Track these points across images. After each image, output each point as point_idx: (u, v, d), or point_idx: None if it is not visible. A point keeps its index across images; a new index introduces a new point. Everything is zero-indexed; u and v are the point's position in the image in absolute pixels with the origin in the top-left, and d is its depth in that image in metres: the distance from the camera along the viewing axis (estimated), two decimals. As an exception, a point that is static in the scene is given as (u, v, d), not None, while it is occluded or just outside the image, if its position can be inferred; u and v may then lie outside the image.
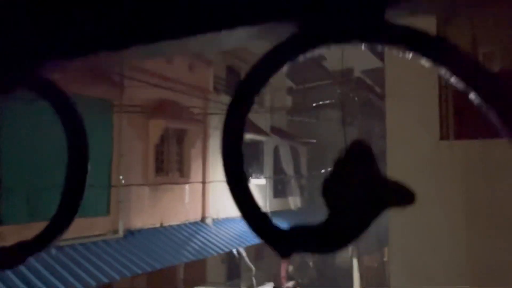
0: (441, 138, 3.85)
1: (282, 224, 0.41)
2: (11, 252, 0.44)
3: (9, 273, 7.72)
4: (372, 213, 0.36)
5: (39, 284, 7.83)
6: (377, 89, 23.97)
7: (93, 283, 8.76)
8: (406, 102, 4.10)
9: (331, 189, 0.38)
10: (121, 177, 10.60)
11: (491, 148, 3.77)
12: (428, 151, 3.92)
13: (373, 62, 20.24)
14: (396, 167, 4.14)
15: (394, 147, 4.14)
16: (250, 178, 15.45)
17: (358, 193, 0.37)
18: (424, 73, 3.96)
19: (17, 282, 7.64)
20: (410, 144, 4.03)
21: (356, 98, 20.19)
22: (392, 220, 4.20)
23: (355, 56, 20.24)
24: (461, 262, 3.99)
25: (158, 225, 11.89)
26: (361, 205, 0.37)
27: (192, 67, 13.17)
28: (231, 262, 15.46)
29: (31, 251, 0.45)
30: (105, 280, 8.94)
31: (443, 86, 3.87)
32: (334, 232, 0.37)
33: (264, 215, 0.40)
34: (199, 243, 12.12)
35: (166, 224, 12.13)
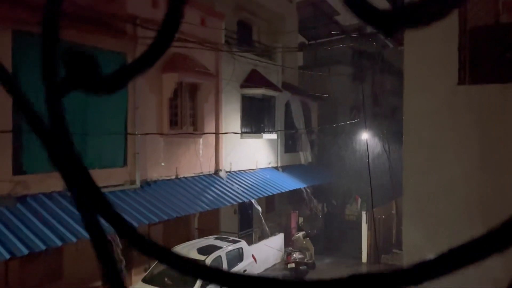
0: (459, 83, 3.91)
1: (293, 178, 0.42)
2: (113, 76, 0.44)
3: (33, 219, 8.11)
4: None
5: (61, 229, 8.21)
6: (390, 44, 23.54)
7: (112, 230, 9.16)
8: (425, 47, 4.14)
9: None
10: (138, 135, 10.80)
11: (509, 93, 3.84)
12: (445, 96, 4.00)
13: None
14: (412, 111, 4.24)
15: (411, 92, 4.21)
16: (262, 133, 15.63)
17: None
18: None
19: (41, 227, 8.02)
20: (428, 88, 4.10)
21: (368, 53, 19.92)
22: (406, 164, 4.34)
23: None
24: (474, 206, 4.14)
25: (173, 176, 12.24)
26: None
27: (204, 21, 13.05)
28: (243, 213, 15.95)
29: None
30: (125, 227, 9.34)
31: (463, 30, 3.89)
32: None
33: None
34: (213, 194, 12.49)
35: (181, 176, 12.47)
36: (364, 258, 16.31)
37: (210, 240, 12.32)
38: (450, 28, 3.82)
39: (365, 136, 17.72)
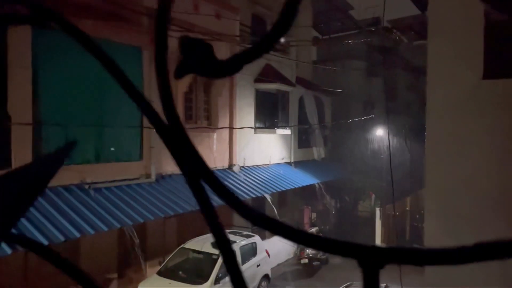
0: (484, 77, 3.87)
1: (306, 174, 0.46)
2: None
3: (52, 211, 8.23)
4: None
5: (79, 221, 8.33)
6: (405, 39, 23.28)
7: (130, 222, 9.27)
8: (449, 41, 4.09)
9: None
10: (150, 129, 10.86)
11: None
12: (469, 90, 3.95)
13: (401, 10, 19.52)
14: (436, 105, 4.20)
15: (435, 86, 4.17)
16: (275, 128, 15.62)
17: None
18: (470, 9, 3.92)
19: (60, 219, 8.14)
20: (452, 82, 4.06)
21: (382, 48, 19.75)
22: (429, 157, 4.31)
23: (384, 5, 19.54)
24: (497, 200, 4.10)
25: (187, 170, 12.29)
26: None
27: (219, 15, 13.05)
28: (257, 208, 15.97)
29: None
30: (140, 220, 9.45)
31: (489, 24, 3.84)
32: None
33: None
34: (227, 189, 12.52)
35: (195, 170, 12.52)
36: (377, 254, 16.24)
37: (224, 234, 12.37)
38: (476, 22, 3.77)
39: (380, 132, 17.63)
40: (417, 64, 19.46)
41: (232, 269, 0.45)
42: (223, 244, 0.45)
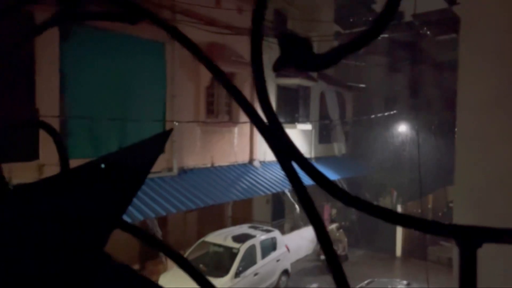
0: (519, 73, 3.76)
1: (326, 170, 0.48)
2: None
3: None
4: None
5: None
6: (429, 34, 22.86)
7: (152, 215, 9.40)
8: (482, 37, 3.99)
9: None
10: (175, 123, 10.96)
11: None
12: (503, 87, 3.85)
13: (427, 4, 19.15)
14: (467, 102, 4.11)
15: (466, 82, 4.08)
16: (296, 123, 15.57)
17: None
18: (505, 3, 3.81)
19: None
20: (484, 79, 3.96)
21: (406, 43, 19.43)
22: (459, 155, 4.23)
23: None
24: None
25: (208, 165, 12.39)
26: None
27: (241, 10, 13.03)
28: (276, 203, 16.00)
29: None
30: (163, 212, 9.57)
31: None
32: None
33: None
34: (247, 184, 12.58)
35: (216, 164, 12.61)
36: (399, 252, 16.09)
37: (244, 229, 12.44)
38: (510, 16, 3.65)
39: (403, 128, 17.36)
40: (442, 59, 19.09)
41: (322, 235, 0.47)
42: (314, 218, 0.47)
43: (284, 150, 0.48)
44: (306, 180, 0.50)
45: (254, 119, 0.50)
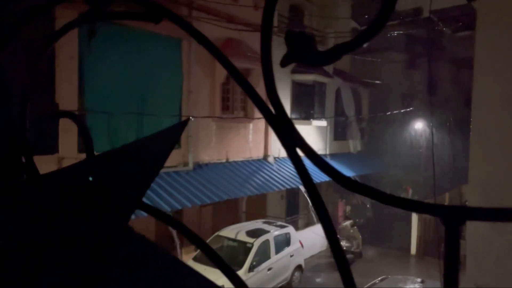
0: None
1: (341, 166, 0.51)
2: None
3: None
4: None
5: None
6: (448, 30, 22.51)
7: (168, 209, 9.53)
8: (499, 33, 3.96)
9: None
10: (191, 118, 11.08)
11: None
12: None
13: (445, 0, 18.89)
14: (482, 99, 4.09)
15: (482, 79, 4.05)
16: (311, 119, 15.55)
17: None
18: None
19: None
20: (500, 76, 3.93)
21: (423, 40, 19.18)
22: (474, 152, 4.21)
23: (426, -6, 18.97)
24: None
25: (224, 160, 12.49)
26: None
27: (257, 7, 13.06)
28: (290, 199, 16.04)
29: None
30: (179, 206, 9.70)
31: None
32: None
33: None
34: (261, 179, 12.65)
35: (231, 160, 12.71)
36: (413, 250, 15.98)
37: (258, 224, 12.51)
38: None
39: (419, 125, 17.18)
40: (460, 56, 18.80)
41: (327, 226, 0.52)
42: (317, 202, 0.51)
43: (290, 139, 0.53)
44: (316, 176, 0.54)
45: (265, 113, 0.55)
